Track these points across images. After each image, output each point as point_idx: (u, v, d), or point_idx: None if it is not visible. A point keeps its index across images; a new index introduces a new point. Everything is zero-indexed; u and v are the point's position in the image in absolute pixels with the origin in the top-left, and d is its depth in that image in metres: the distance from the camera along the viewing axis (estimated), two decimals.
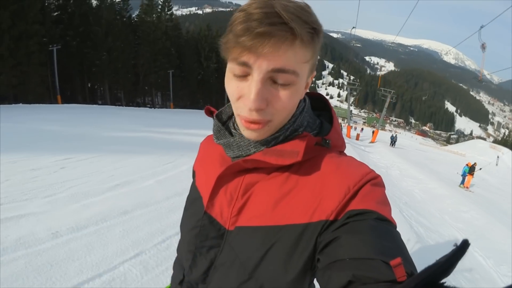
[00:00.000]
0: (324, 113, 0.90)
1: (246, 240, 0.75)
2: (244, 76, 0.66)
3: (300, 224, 0.69)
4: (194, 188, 0.97)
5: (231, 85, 0.69)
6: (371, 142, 39.84)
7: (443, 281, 0.36)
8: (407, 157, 23.83)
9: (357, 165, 0.76)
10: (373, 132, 45.17)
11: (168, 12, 43.09)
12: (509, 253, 6.86)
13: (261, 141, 0.76)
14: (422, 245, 6.09)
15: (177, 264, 0.99)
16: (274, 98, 0.67)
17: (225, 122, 0.89)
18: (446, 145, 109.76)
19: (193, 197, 0.95)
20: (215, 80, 47.90)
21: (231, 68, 0.68)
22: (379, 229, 0.60)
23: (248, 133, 0.72)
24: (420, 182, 13.81)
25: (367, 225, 0.60)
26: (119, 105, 35.53)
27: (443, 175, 18.56)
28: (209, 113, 0.92)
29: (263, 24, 0.59)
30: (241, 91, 0.67)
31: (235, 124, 0.85)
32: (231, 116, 0.89)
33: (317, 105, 0.91)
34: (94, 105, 29.27)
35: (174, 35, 43.10)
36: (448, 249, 0.35)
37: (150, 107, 39.09)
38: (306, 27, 0.62)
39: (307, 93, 0.89)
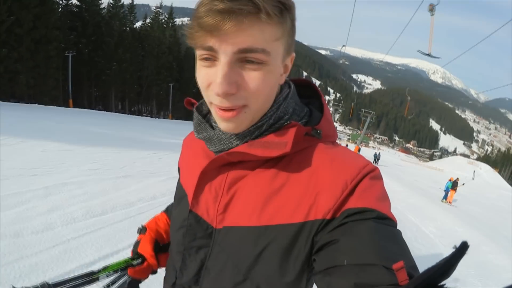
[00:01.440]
0: (313, 101, 0.85)
1: (237, 241, 0.71)
2: (212, 61, 0.63)
3: (295, 224, 0.65)
4: (179, 186, 0.95)
5: (200, 74, 0.67)
6: None
7: (442, 283, 0.36)
8: (392, 174, 25.13)
9: (353, 156, 0.72)
10: (358, 148, 49.21)
11: (171, 27, 46.92)
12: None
13: (243, 132, 0.72)
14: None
15: (170, 265, 0.94)
16: (244, 80, 0.63)
17: (205, 115, 0.87)
18: (427, 162, 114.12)
19: (179, 195, 0.93)
20: None
21: (199, 55, 0.65)
22: (380, 230, 0.57)
23: (224, 126, 0.69)
24: (400, 194, 14.35)
25: (367, 226, 0.57)
26: (122, 113, 38.26)
27: (419, 188, 20.28)
28: (190, 105, 0.90)
29: (224, 1, 0.56)
30: (210, 78, 0.64)
31: None
32: None
33: (305, 93, 0.87)
34: (107, 112, 32.03)
35: (175, 49, 46.62)
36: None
37: (149, 116, 42.51)
38: (272, 1, 0.58)
39: (293, 80, 0.86)
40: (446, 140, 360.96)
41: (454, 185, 17.09)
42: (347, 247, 0.56)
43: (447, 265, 0.35)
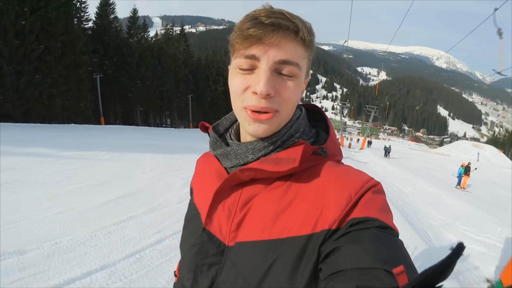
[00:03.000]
0: (320, 124, 0.91)
1: (248, 255, 0.73)
2: (250, 70, 0.70)
3: (303, 236, 0.67)
4: (192, 206, 0.97)
5: (237, 80, 0.72)
6: (361, 149, 46.80)
7: (439, 284, 0.36)
8: (400, 164, 26.04)
9: (357, 173, 0.75)
10: (366, 141, 52.82)
11: (184, 43, 50.21)
12: None
13: (258, 146, 0.77)
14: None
15: (180, 283, 0.97)
16: (281, 87, 0.69)
17: (221, 135, 0.91)
18: (436, 148, 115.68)
19: (191, 214, 0.95)
20: (223, 102, 54.30)
21: (238, 63, 0.71)
22: (382, 237, 0.59)
23: (255, 127, 0.72)
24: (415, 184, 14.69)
25: (369, 234, 0.60)
26: (147, 126, 41.61)
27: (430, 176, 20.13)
28: (204, 129, 0.94)
29: (271, 17, 0.65)
30: (248, 83, 0.70)
31: (231, 135, 0.87)
32: (228, 128, 0.92)
33: (312, 117, 0.93)
34: (143, 126, 35.38)
35: (190, 63, 49.66)
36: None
37: (173, 127, 45.61)
38: (305, 26, 0.70)
39: (302, 105, 0.93)
40: (455, 126, 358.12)
41: (466, 170, 16.94)
42: (349, 253, 0.58)
43: (444, 266, 0.35)
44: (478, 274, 5.45)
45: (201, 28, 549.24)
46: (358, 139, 74.75)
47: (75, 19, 33.11)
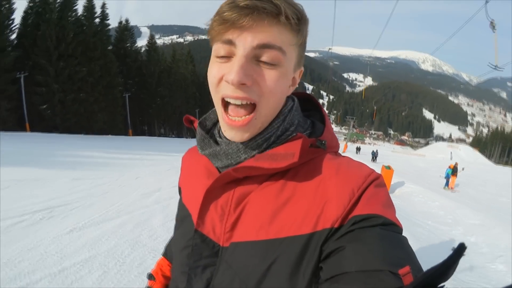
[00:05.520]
0: (313, 114, 0.87)
1: (244, 256, 0.69)
2: (228, 57, 0.64)
3: (304, 235, 0.64)
4: (181, 206, 0.91)
5: (213, 69, 0.66)
6: (343, 152, 52.95)
7: (441, 284, 0.36)
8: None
9: (357, 166, 0.72)
10: (347, 145, 58.31)
11: (191, 63, 57.70)
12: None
13: (251, 145, 0.71)
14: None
15: (173, 286, 0.91)
16: (259, 76, 0.63)
17: (209, 130, 0.85)
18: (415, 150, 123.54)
19: (182, 215, 0.89)
20: None
21: (215, 50, 0.66)
22: (386, 236, 0.57)
23: (231, 134, 0.69)
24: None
25: (374, 233, 0.57)
26: (164, 136, 49.27)
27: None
28: (188, 123, 0.88)
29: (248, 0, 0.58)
30: (223, 71, 0.64)
31: (220, 131, 0.79)
32: (216, 122, 0.85)
33: (305, 106, 0.88)
34: (164, 137, 42.22)
35: (196, 81, 57.02)
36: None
37: (185, 137, 52.68)
38: (292, 8, 0.62)
39: (294, 93, 0.86)
40: (441, 128, 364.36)
41: (454, 171, 16.99)
42: (354, 254, 0.55)
43: (446, 267, 0.35)
44: None
45: (189, 38, 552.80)
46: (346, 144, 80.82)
47: (110, 46, 39.37)
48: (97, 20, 37.31)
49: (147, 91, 45.05)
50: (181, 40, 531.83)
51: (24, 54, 30.07)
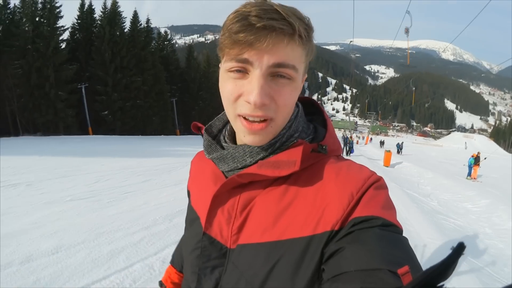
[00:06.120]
0: (316, 117, 0.88)
1: (249, 257, 0.71)
2: (243, 74, 0.64)
3: (304, 237, 0.65)
4: (190, 209, 0.94)
5: (228, 85, 0.66)
6: (365, 144, 57.40)
7: (440, 284, 0.35)
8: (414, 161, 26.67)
9: (357, 169, 0.73)
10: (369, 138, 63.50)
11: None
12: None
13: (256, 150, 0.73)
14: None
15: (185, 286, 0.93)
16: (276, 93, 0.64)
17: (215, 136, 0.88)
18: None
19: (191, 217, 0.92)
20: None
21: (229, 67, 0.65)
22: (385, 236, 0.57)
23: (251, 138, 0.69)
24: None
25: (373, 233, 0.58)
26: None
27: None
28: (197, 129, 0.91)
29: (263, 19, 0.58)
30: (241, 89, 0.64)
31: (225, 138, 0.83)
32: (221, 129, 0.88)
33: (308, 109, 0.90)
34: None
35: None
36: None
37: None
38: (302, 23, 0.62)
39: (299, 98, 0.85)
40: (463, 118, 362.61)
41: (476, 160, 16.58)
42: (353, 254, 0.56)
43: (445, 266, 0.34)
44: None
45: (210, 37, 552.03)
46: (371, 138, 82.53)
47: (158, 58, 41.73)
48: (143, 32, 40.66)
49: (190, 95, 48.32)
50: (202, 39, 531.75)
51: (79, 67, 33.00)
